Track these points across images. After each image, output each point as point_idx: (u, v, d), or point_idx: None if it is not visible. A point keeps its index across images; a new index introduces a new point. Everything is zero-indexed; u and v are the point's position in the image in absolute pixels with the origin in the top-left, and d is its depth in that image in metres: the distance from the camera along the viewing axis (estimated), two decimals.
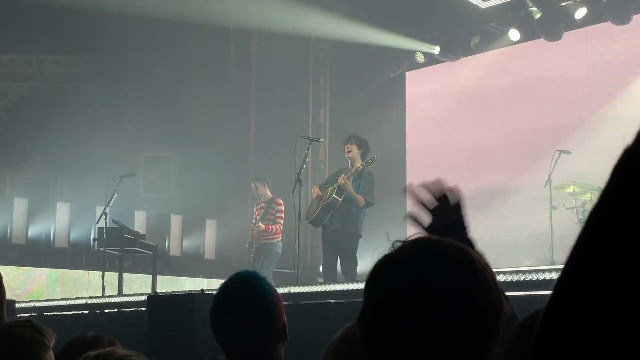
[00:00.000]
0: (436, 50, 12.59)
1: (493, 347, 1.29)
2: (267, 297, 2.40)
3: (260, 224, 9.84)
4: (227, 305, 2.40)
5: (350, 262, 8.58)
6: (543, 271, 5.40)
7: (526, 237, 11.46)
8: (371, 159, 8.79)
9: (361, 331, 1.31)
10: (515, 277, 5.45)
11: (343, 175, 8.66)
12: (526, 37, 11.78)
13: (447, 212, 1.98)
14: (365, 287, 1.33)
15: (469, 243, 1.87)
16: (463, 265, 1.29)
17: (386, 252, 1.34)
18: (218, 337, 2.41)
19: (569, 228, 10.08)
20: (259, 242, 9.91)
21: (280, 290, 6.90)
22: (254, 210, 10.25)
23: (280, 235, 9.98)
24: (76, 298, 9.18)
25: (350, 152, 8.79)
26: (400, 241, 1.34)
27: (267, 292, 2.41)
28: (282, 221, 9.96)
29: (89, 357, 1.87)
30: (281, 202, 9.98)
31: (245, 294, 2.39)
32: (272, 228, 9.87)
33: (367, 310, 1.31)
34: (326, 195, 8.71)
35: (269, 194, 10.17)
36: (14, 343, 2.10)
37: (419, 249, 1.31)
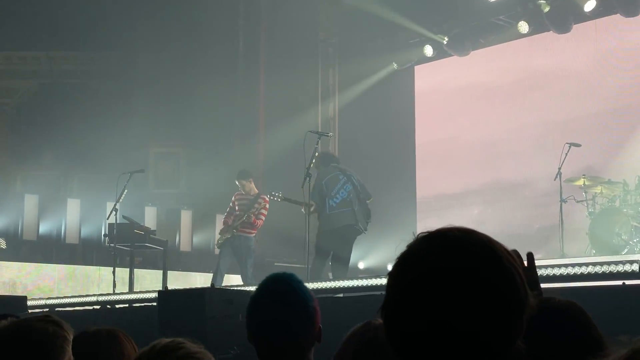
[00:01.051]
0: (445, 40, 12.53)
1: (516, 342, 1.28)
2: (309, 303, 2.37)
3: (252, 215, 9.78)
4: (266, 306, 2.36)
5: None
6: (552, 267, 5.40)
7: (536, 230, 11.44)
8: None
9: (384, 321, 1.29)
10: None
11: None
12: (535, 30, 11.73)
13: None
14: (389, 278, 1.31)
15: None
16: (490, 256, 1.27)
17: (410, 243, 1.32)
18: (253, 336, 2.38)
19: (579, 221, 10.07)
20: (235, 233, 9.81)
21: None
22: (233, 199, 10.13)
23: (256, 232, 10.01)
24: (87, 295, 9.21)
25: None
26: (424, 232, 1.32)
27: (308, 298, 2.38)
28: (264, 218, 9.95)
29: (158, 346, 1.88)
30: (267, 199, 9.91)
31: (286, 295, 2.36)
32: (257, 222, 9.86)
33: (391, 302, 1.29)
34: None
35: (255, 189, 10.14)
36: (38, 337, 2.12)
37: (445, 240, 1.29)
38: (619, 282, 5.14)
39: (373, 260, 8.99)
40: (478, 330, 1.23)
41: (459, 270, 1.24)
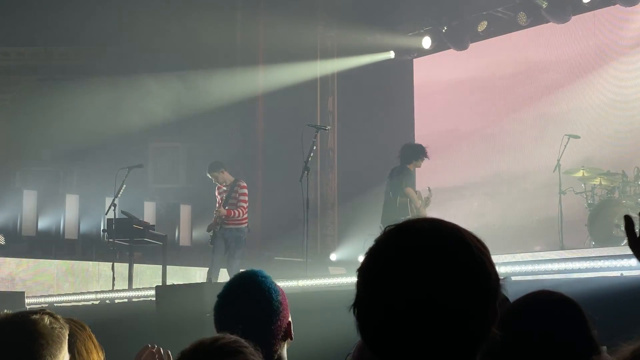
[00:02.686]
0: (444, 29, 12.51)
1: (492, 328, 1.26)
2: (272, 295, 2.38)
3: (222, 209, 9.32)
4: (231, 302, 2.39)
5: None
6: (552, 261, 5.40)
7: (536, 222, 11.44)
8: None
9: (358, 320, 1.26)
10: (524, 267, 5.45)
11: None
12: (534, 21, 11.71)
13: None
14: (358, 273, 1.29)
15: None
16: (459, 239, 1.26)
17: (377, 237, 1.30)
18: (220, 331, 2.40)
19: (578, 213, 10.06)
20: (221, 227, 9.38)
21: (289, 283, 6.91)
22: (216, 194, 9.70)
23: (247, 220, 9.52)
24: (86, 293, 9.21)
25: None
26: (392, 225, 1.30)
27: (272, 290, 2.39)
28: (245, 204, 9.45)
29: (218, 342, 1.84)
30: (244, 184, 9.55)
31: (250, 291, 2.38)
32: (235, 212, 9.34)
33: (362, 295, 1.26)
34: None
35: (230, 177, 9.65)
36: (33, 329, 2.10)
37: (414, 228, 1.27)
38: (617, 273, 5.15)
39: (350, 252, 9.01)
40: (453, 311, 1.20)
41: (428, 250, 1.23)
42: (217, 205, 9.58)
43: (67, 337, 2.15)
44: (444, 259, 1.23)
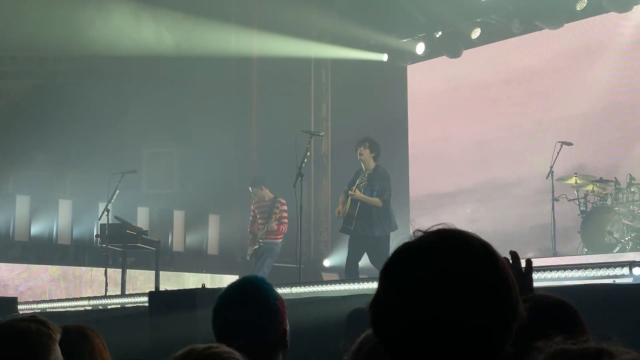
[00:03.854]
0: (437, 35, 12.56)
1: (506, 347, 1.26)
2: (270, 299, 2.40)
3: (273, 224, 9.80)
4: (229, 304, 2.40)
5: (378, 267, 8.55)
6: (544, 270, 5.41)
7: (529, 229, 11.46)
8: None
9: (374, 320, 1.26)
10: None
11: (351, 189, 8.73)
12: (527, 29, 11.75)
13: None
14: (381, 273, 1.28)
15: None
16: (487, 257, 1.26)
17: (406, 240, 1.30)
18: (218, 335, 2.40)
19: (571, 219, 10.09)
20: (262, 241, 9.90)
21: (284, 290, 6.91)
22: (252, 208, 10.20)
23: (282, 235, 10.03)
24: (79, 298, 9.18)
25: (362, 154, 8.81)
26: (421, 230, 1.30)
27: (270, 295, 2.41)
28: (286, 221, 10.00)
29: (195, 352, 1.83)
30: (284, 201, 9.97)
31: (249, 293, 2.40)
32: (281, 228, 9.90)
33: (383, 298, 1.26)
34: (344, 210, 8.78)
35: (270, 194, 10.13)
36: (21, 335, 2.08)
37: (442, 237, 1.27)
38: (610, 281, 5.16)
39: (366, 259, 9.01)
40: (470, 328, 1.21)
41: (454, 271, 1.22)
42: (251, 218, 10.14)
43: (57, 343, 2.14)
44: (467, 280, 1.22)
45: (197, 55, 13.40)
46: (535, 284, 5.23)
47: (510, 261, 1.97)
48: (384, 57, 13.27)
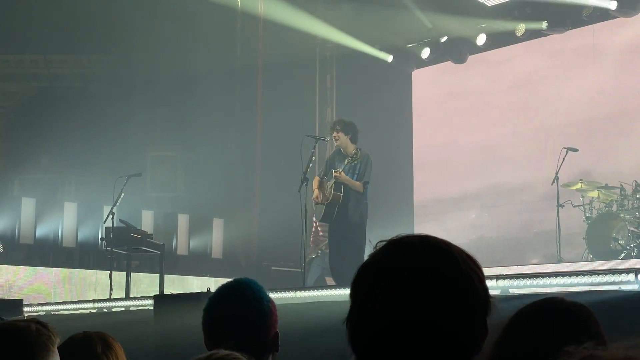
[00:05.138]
0: (443, 39, 12.58)
1: (481, 345, 1.28)
2: (263, 301, 2.40)
3: None
4: (221, 306, 2.40)
5: (358, 254, 8.51)
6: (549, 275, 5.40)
7: (534, 235, 11.44)
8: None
9: (349, 334, 1.29)
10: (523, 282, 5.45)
11: (337, 170, 8.63)
12: (533, 34, 11.76)
13: None
14: (351, 288, 1.32)
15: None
16: (448, 258, 1.28)
17: (371, 253, 1.33)
18: (208, 336, 2.39)
19: (576, 226, 10.07)
20: (319, 253, 10.20)
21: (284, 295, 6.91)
22: (316, 222, 10.35)
23: None
24: (83, 301, 9.19)
25: (338, 139, 8.73)
26: (383, 241, 1.33)
27: (263, 297, 2.41)
28: None
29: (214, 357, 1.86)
30: None
31: (242, 295, 2.40)
32: None
33: (354, 311, 1.30)
34: (328, 194, 8.70)
35: None
36: (21, 336, 2.10)
37: (403, 245, 1.30)
38: (615, 287, 5.15)
39: None
40: (439, 328, 1.23)
41: (417, 270, 1.25)
42: (316, 232, 10.42)
43: (55, 345, 2.16)
44: (430, 277, 1.25)
45: (202, 59, 13.43)
46: (540, 290, 5.22)
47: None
48: (389, 58, 13.27)
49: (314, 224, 10.41)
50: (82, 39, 14.14)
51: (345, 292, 6.64)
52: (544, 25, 11.35)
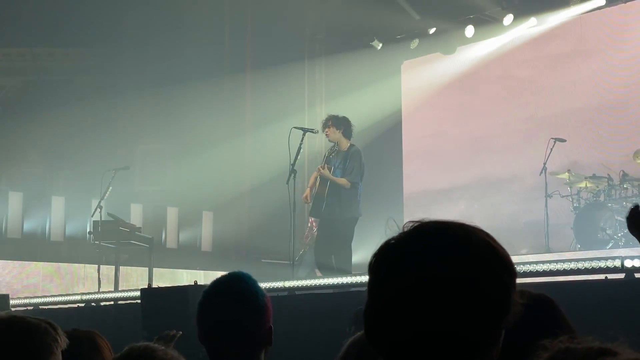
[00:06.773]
0: (432, 30, 12.54)
1: (494, 350, 1.24)
2: (258, 296, 2.39)
3: None
4: (215, 300, 2.39)
5: (343, 250, 8.52)
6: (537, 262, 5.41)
7: (522, 225, 11.48)
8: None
9: (371, 330, 1.25)
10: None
11: (320, 165, 8.63)
12: (519, 23, 11.76)
13: None
14: (372, 276, 1.26)
15: None
16: (476, 265, 1.23)
17: (388, 239, 1.26)
18: (203, 331, 2.39)
19: (564, 216, 10.11)
20: (309, 247, 10.18)
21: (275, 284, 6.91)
22: (311, 220, 10.43)
23: None
24: (72, 295, 9.17)
25: (330, 136, 8.72)
26: (413, 223, 1.28)
27: (258, 291, 2.40)
28: None
29: (133, 354, 1.88)
30: None
31: (236, 289, 2.39)
32: None
33: (373, 310, 1.24)
34: (315, 187, 8.71)
35: None
36: (28, 332, 2.13)
37: (442, 239, 1.25)
38: (602, 276, 5.17)
39: (359, 256, 8.99)
40: (466, 336, 1.20)
41: (454, 281, 1.20)
42: (311, 229, 10.40)
43: (59, 349, 2.18)
44: (457, 288, 1.20)
45: (190, 52, 13.39)
46: (528, 279, 5.23)
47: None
48: (379, 46, 13.17)
49: (310, 220, 10.41)
50: (70, 32, 14.06)
51: (330, 282, 6.64)
52: (533, 20, 11.35)
